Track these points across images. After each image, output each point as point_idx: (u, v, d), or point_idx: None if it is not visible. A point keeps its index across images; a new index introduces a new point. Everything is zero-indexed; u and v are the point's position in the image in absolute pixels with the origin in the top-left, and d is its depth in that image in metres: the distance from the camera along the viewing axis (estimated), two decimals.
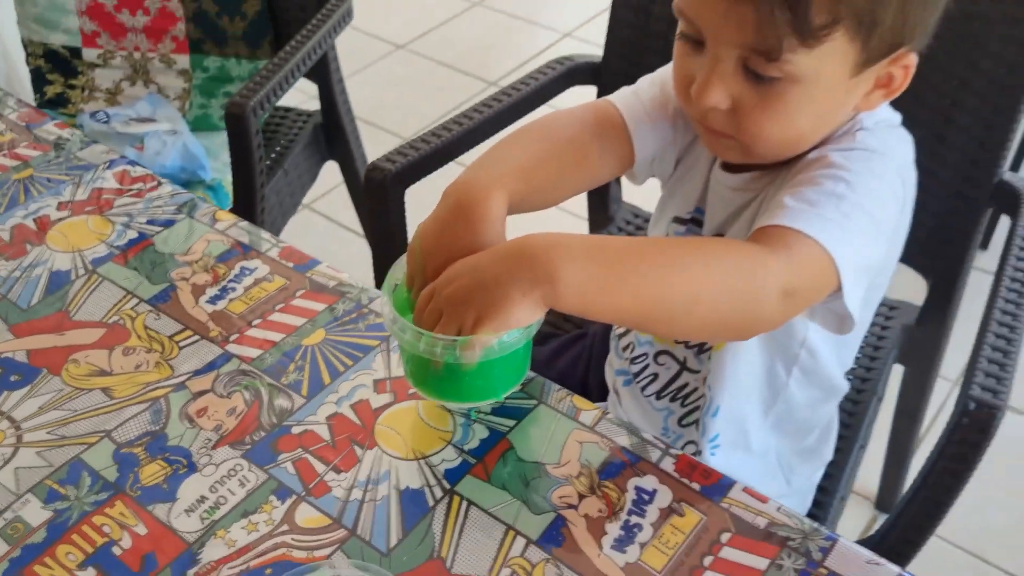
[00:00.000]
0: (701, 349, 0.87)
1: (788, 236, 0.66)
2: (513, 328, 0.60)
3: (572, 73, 1.23)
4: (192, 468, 0.67)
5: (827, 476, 1.00)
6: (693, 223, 0.86)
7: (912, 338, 1.18)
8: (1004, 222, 1.05)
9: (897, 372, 1.22)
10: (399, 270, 0.68)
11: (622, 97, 0.83)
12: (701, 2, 0.67)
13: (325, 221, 2.06)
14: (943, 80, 1.02)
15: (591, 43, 1.08)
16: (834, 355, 0.86)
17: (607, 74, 1.22)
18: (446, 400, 0.70)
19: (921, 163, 1.05)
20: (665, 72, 0.83)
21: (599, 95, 1.21)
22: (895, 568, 0.60)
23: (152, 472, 0.67)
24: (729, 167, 0.81)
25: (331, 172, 1.64)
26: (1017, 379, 0.79)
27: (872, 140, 0.74)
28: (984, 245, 1.79)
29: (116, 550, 0.63)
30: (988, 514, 1.48)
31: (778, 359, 0.85)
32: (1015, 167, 1.93)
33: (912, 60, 0.71)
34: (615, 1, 1.18)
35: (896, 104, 0.78)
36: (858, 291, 0.70)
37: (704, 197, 0.84)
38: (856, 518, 1.48)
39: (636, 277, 0.62)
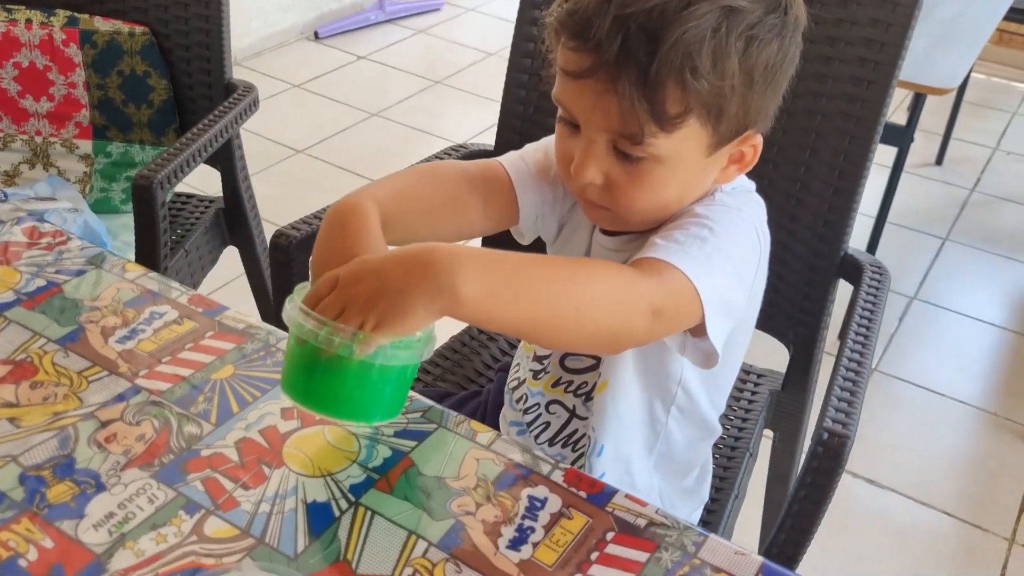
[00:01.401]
0: (588, 397, 0.95)
1: (659, 265, 0.74)
2: (411, 334, 0.65)
3: (466, 159, 1.33)
4: (101, 488, 0.69)
5: (705, 522, 1.07)
6: None
7: (779, 403, 1.29)
8: None
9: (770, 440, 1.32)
10: (299, 294, 0.73)
11: (509, 159, 0.92)
12: (574, 94, 0.76)
13: None
14: (792, 168, 1.16)
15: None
16: (707, 396, 0.94)
17: None
18: (318, 409, 0.69)
19: (778, 239, 1.18)
20: (549, 140, 0.92)
21: None
22: (758, 558, 0.67)
23: (60, 492, 0.69)
24: (607, 231, 0.90)
25: (225, 267, 1.68)
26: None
27: (730, 200, 0.85)
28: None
29: (22, 562, 0.63)
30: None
31: (657, 399, 0.92)
32: (871, 249, 2.15)
33: (758, 140, 0.82)
34: (505, 93, 1.30)
35: (755, 188, 0.90)
36: (721, 326, 0.78)
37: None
38: None
39: (528, 290, 0.68)
